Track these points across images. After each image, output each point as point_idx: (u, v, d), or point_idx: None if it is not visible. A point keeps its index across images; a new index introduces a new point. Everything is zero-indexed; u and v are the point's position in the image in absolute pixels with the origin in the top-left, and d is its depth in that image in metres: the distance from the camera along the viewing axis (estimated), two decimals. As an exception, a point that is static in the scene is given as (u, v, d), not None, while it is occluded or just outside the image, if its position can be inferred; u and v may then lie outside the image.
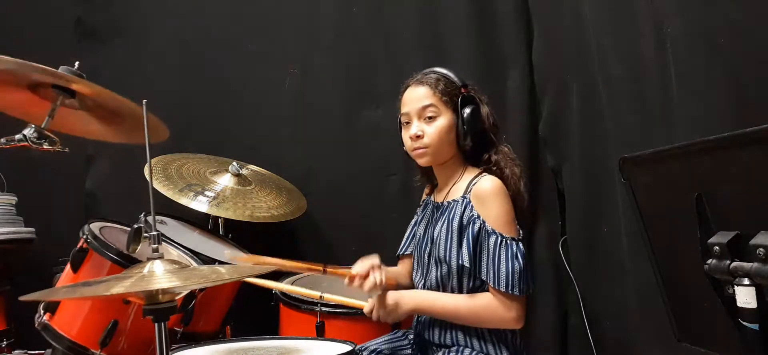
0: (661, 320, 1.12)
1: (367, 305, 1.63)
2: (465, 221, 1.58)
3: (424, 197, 1.87)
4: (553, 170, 2.19)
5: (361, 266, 1.64)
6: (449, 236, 1.60)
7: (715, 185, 0.91)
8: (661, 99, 1.60)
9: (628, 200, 1.09)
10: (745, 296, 0.85)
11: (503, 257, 1.53)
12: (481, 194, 1.58)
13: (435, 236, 1.65)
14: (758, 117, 1.00)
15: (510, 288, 1.52)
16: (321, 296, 1.73)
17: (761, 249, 0.82)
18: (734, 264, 0.86)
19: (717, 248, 0.88)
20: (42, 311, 1.81)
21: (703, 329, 1.04)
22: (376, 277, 1.60)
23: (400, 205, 2.43)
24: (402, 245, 1.86)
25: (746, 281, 0.85)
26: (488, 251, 1.55)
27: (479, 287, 1.60)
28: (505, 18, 2.30)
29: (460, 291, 1.61)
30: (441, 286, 1.64)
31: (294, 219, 2.35)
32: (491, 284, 1.54)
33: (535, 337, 2.17)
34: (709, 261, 0.90)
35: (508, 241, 1.55)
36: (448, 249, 1.60)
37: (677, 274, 1.04)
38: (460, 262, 1.57)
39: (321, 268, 1.67)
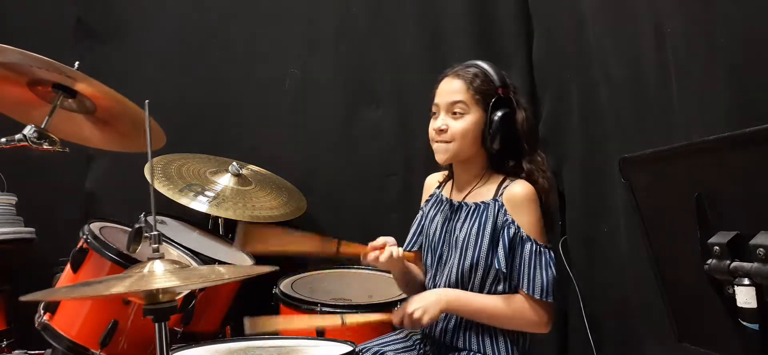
0: (661, 320, 1.12)
1: (395, 316, 1.59)
2: (499, 225, 1.56)
3: (430, 189, 1.81)
4: (553, 171, 2.19)
5: (375, 242, 1.62)
6: (480, 238, 1.57)
7: (715, 185, 0.91)
8: (661, 99, 1.59)
9: (628, 200, 1.09)
10: (745, 296, 0.85)
11: (538, 265, 1.52)
12: (516, 199, 1.55)
13: (460, 237, 1.60)
14: (758, 117, 1.00)
15: (545, 296, 1.51)
16: (343, 323, 1.66)
17: (761, 249, 0.81)
18: (734, 264, 0.86)
19: (717, 248, 0.88)
20: (42, 311, 1.81)
21: (703, 329, 1.04)
22: (393, 250, 1.59)
23: (400, 205, 2.43)
24: (409, 241, 1.79)
25: (746, 281, 0.84)
26: (523, 258, 1.52)
27: (502, 291, 1.57)
28: (505, 18, 2.30)
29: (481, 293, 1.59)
30: (460, 286, 1.60)
31: (294, 219, 2.35)
32: (526, 291, 1.52)
33: (536, 337, 2.16)
34: (709, 261, 0.90)
35: (543, 249, 1.53)
36: (478, 252, 1.56)
37: (677, 274, 1.04)
38: (495, 266, 1.54)
39: (335, 245, 1.63)
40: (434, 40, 2.42)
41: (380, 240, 1.63)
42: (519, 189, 1.56)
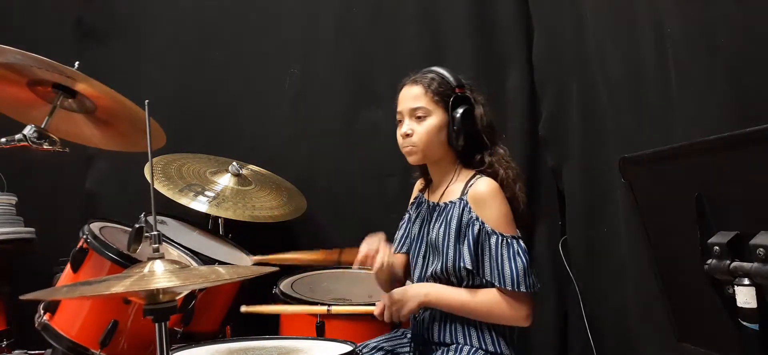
0: (661, 320, 1.12)
1: (376, 308, 1.63)
2: (464, 223, 1.58)
3: (415, 193, 1.85)
4: (553, 170, 2.20)
5: (368, 243, 1.63)
6: (447, 237, 1.60)
7: (715, 185, 0.91)
8: (661, 99, 1.60)
9: (628, 200, 1.09)
10: (745, 296, 0.85)
11: (506, 256, 1.53)
12: (479, 196, 1.58)
13: (433, 237, 1.65)
14: (758, 117, 1.00)
15: (516, 286, 1.52)
16: (328, 310, 1.75)
17: (761, 249, 0.81)
18: (734, 264, 0.86)
19: (717, 248, 0.88)
20: (42, 311, 1.81)
21: (703, 329, 1.04)
22: (384, 257, 1.60)
23: (400, 205, 2.41)
24: (396, 245, 1.83)
25: (746, 281, 0.85)
26: (490, 252, 1.55)
27: (478, 287, 1.59)
28: (505, 18, 2.30)
29: None
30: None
31: (294, 219, 2.35)
32: (497, 284, 1.54)
33: (535, 337, 2.17)
34: (709, 261, 0.89)
35: (509, 239, 1.55)
36: (446, 251, 1.60)
37: (677, 274, 1.04)
38: (461, 263, 1.57)
39: (336, 255, 1.67)
40: (434, 40, 2.42)
41: (374, 242, 1.63)
42: (481, 186, 1.59)
